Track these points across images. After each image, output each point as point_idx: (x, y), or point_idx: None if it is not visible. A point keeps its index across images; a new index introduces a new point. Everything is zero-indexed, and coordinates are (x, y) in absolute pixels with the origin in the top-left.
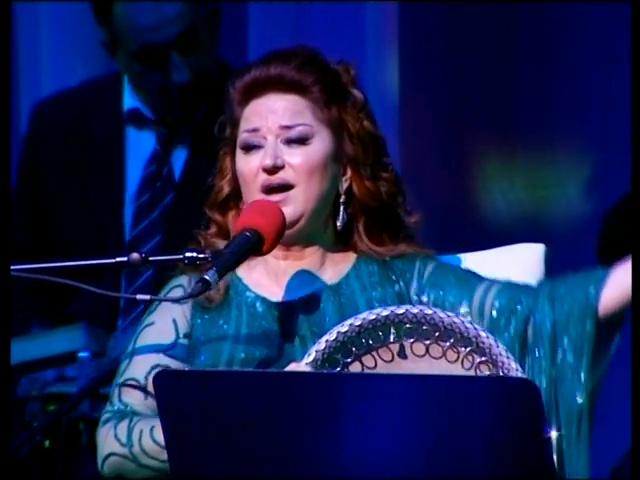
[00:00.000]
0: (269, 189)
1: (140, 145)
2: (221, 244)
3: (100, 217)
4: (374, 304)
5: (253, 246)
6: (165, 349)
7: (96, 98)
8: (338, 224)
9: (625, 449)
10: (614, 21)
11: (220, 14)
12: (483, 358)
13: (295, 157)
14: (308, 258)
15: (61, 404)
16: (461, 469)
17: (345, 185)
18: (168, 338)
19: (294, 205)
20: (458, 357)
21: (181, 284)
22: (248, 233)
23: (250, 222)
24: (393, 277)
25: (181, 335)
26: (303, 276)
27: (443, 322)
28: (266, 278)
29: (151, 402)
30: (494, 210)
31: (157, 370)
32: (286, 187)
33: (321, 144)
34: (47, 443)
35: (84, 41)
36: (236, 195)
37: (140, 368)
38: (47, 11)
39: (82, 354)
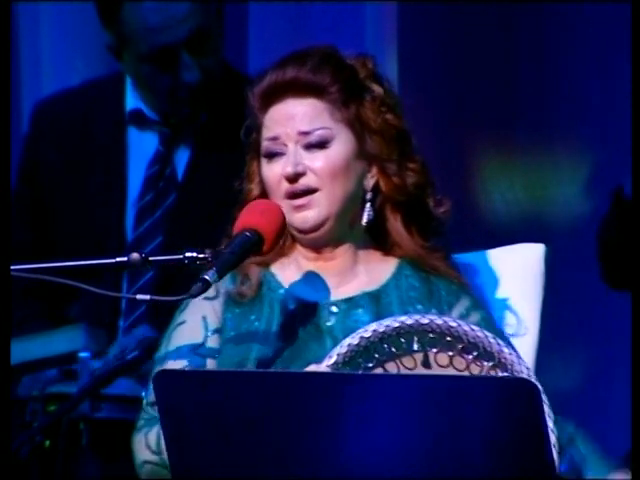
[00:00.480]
0: (293, 195)
1: (142, 146)
2: None
3: (102, 218)
4: None
5: (253, 246)
6: (196, 348)
7: (98, 98)
8: (364, 221)
9: (625, 449)
10: (614, 21)
11: (224, 13)
12: (505, 373)
13: (316, 161)
14: (339, 258)
15: (61, 404)
16: (461, 469)
17: (371, 182)
18: (198, 337)
19: (319, 208)
20: (481, 371)
21: None
22: (248, 233)
23: (250, 222)
24: (433, 300)
25: (210, 332)
26: (338, 278)
27: (467, 335)
28: (299, 277)
29: None
30: (494, 210)
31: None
32: (310, 191)
33: (342, 146)
34: (47, 443)
35: (86, 41)
36: (266, 196)
37: (171, 367)
38: (48, 11)
39: (82, 354)
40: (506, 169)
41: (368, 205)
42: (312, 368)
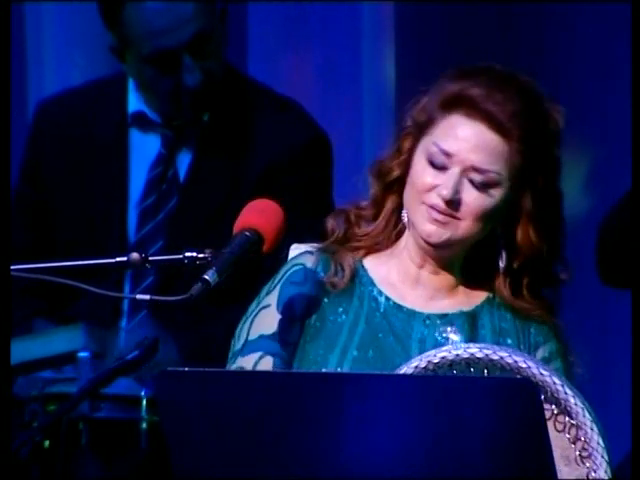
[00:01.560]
0: (435, 208)
1: (144, 148)
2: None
3: (103, 220)
4: None
5: (252, 246)
6: (277, 334)
7: (100, 100)
8: (500, 267)
9: (625, 449)
10: (614, 21)
11: (227, 15)
12: (572, 421)
13: (473, 199)
14: (442, 274)
15: (61, 404)
16: (461, 469)
17: (511, 229)
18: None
19: (452, 233)
20: (551, 415)
21: (302, 263)
22: (248, 233)
23: (250, 222)
24: (522, 336)
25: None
26: (435, 291)
27: (535, 377)
28: (396, 277)
29: None
30: None
31: (265, 358)
32: (453, 216)
33: (501, 195)
34: (47, 443)
35: (88, 41)
36: (402, 181)
37: (250, 357)
38: (51, 11)
39: (82, 354)
40: None
41: (504, 254)
42: None
